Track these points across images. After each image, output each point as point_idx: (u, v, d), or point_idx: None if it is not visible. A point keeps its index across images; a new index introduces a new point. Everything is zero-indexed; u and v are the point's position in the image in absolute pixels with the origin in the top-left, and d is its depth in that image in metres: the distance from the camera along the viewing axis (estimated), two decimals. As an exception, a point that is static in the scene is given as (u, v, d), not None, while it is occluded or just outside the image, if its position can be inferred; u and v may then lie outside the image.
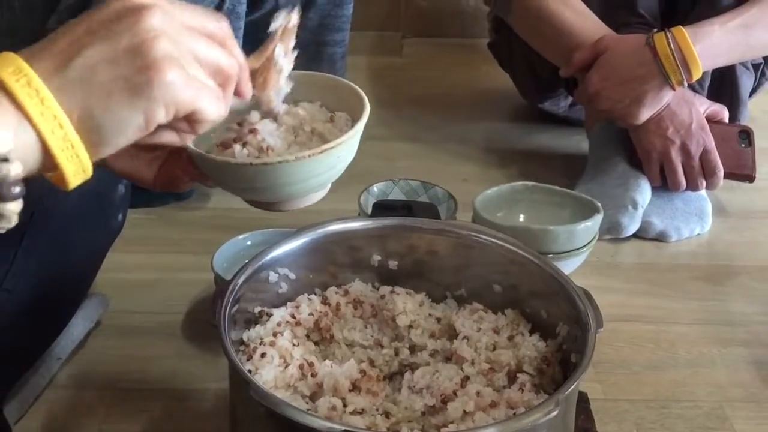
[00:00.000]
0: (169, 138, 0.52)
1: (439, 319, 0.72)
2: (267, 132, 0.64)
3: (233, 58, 0.52)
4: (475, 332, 0.69)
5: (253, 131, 0.63)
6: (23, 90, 0.44)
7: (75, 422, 0.80)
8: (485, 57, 1.51)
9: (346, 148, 0.62)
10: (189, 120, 0.49)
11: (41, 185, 0.48)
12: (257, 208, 0.68)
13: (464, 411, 0.61)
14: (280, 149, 0.63)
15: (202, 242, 1.04)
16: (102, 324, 0.93)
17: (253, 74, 0.59)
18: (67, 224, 0.77)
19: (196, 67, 0.49)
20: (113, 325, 0.93)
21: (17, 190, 0.44)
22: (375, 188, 1.05)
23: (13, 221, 0.45)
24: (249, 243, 0.95)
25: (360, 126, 0.63)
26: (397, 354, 0.71)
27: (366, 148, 1.35)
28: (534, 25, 1.22)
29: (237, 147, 0.62)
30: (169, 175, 0.64)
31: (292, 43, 0.62)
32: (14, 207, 0.45)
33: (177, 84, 0.46)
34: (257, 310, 0.70)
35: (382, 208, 0.78)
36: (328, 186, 0.67)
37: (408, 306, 0.71)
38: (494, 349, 0.67)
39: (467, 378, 0.64)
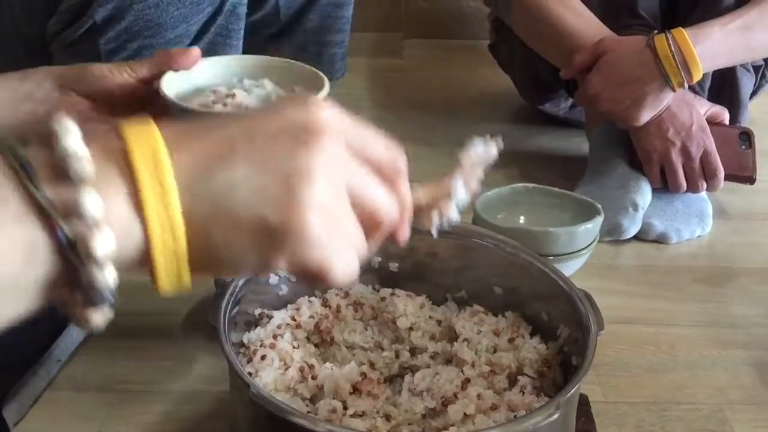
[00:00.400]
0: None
1: (439, 322, 0.72)
2: (243, 96, 0.66)
3: (395, 204, 0.45)
4: (476, 334, 0.69)
5: (231, 95, 0.66)
6: (153, 189, 0.37)
7: (74, 424, 0.80)
8: (486, 58, 1.51)
9: None
10: (309, 276, 0.41)
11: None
12: None
13: (465, 414, 0.61)
14: None
15: (202, 244, 1.04)
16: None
17: (420, 208, 0.52)
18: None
19: (347, 213, 0.41)
20: (112, 326, 0.92)
21: (111, 297, 0.38)
22: (375, 190, 1.04)
23: (99, 329, 0.40)
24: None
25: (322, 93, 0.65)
26: (397, 356, 0.71)
27: (366, 149, 1.37)
28: (534, 27, 1.22)
29: (218, 106, 0.64)
30: None
31: (478, 177, 0.55)
32: (101, 317, 0.39)
33: (315, 242, 0.39)
34: (257, 312, 0.70)
35: None
36: None
37: (408, 308, 0.71)
38: (495, 351, 0.67)
39: (468, 380, 0.64)
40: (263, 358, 0.66)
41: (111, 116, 0.71)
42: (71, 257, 0.35)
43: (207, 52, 0.96)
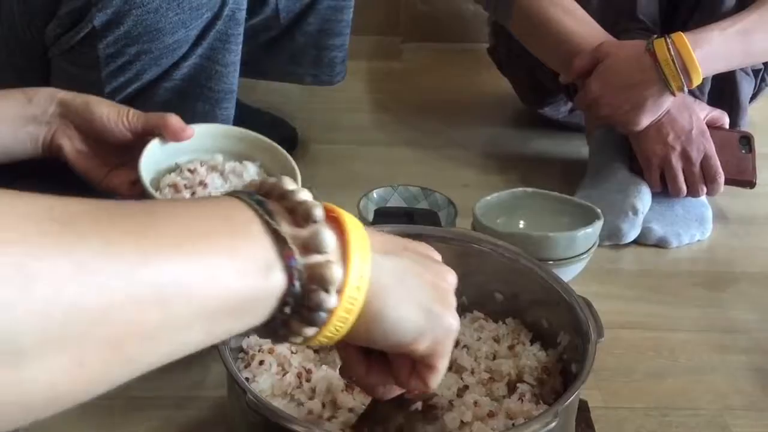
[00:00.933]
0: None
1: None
2: (214, 187, 0.68)
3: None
4: (476, 341, 0.69)
5: (203, 184, 0.67)
6: (363, 252, 0.45)
7: (78, 429, 0.79)
8: (485, 62, 1.51)
9: None
10: (428, 365, 0.51)
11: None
12: None
13: (462, 421, 0.60)
14: None
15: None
16: (101, 331, 0.92)
17: None
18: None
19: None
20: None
21: (324, 317, 0.44)
22: (374, 194, 1.04)
23: (305, 343, 0.46)
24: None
25: None
26: None
27: (365, 153, 1.38)
28: (533, 31, 1.22)
29: (186, 194, 0.65)
30: (114, 186, 0.72)
31: None
32: (311, 333, 0.45)
33: (456, 331, 0.51)
34: None
35: (383, 215, 0.78)
36: None
37: None
38: (494, 358, 0.67)
39: (466, 387, 0.64)
40: (261, 363, 0.66)
41: (96, 151, 0.83)
42: (305, 284, 0.43)
43: (206, 58, 0.97)
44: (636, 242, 1.14)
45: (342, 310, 0.44)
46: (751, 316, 1.01)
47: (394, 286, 0.47)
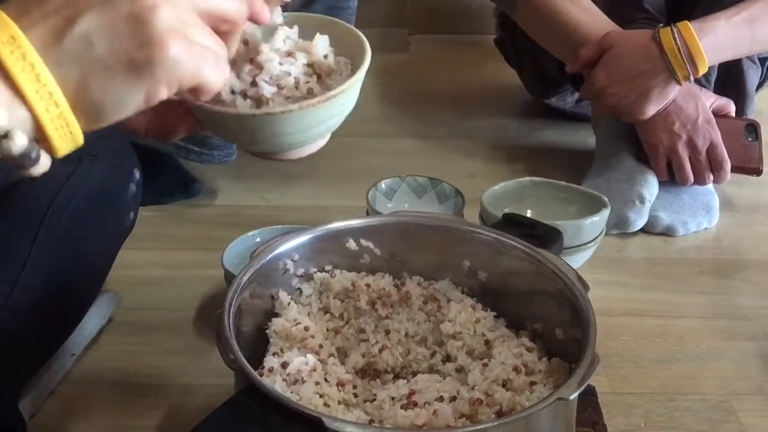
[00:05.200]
0: (169, 100, 0.49)
1: (488, 342, 0.69)
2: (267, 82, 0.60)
3: (239, 1, 0.49)
4: (500, 363, 0.66)
5: (254, 84, 0.61)
6: (18, 64, 0.41)
7: (89, 417, 0.81)
8: (492, 53, 1.51)
9: (348, 95, 0.60)
10: (192, 91, 0.47)
11: (52, 185, 0.48)
12: (259, 158, 0.67)
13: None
14: (280, 99, 0.61)
15: (212, 239, 1.05)
16: (114, 320, 0.94)
17: None
18: (79, 224, 0.78)
19: (198, 26, 0.46)
20: (125, 321, 0.94)
21: (33, 154, 0.42)
22: (383, 184, 1.05)
23: (47, 167, 0.44)
24: (258, 240, 0.96)
25: (361, 73, 0.61)
26: (432, 356, 0.71)
27: (373, 144, 1.39)
28: (539, 22, 1.22)
29: (239, 98, 0.61)
30: (163, 124, 0.61)
31: None
32: (42, 166, 0.43)
33: (179, 59, 0.44)
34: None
35: (509, 221, 0.78)
36: (329, 135, 0.65)
37: (460, 317, 0.70)
38: (504, 385, 0.64)
39: (453, 398, 0.63)
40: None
41: None
42: None
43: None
44: (643, 230, 1.14)
45: (52, 130, 0.42)
46: (757, 303, 1.02)
47: (84, 68, 0.42)
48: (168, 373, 0.87)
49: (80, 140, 0.44)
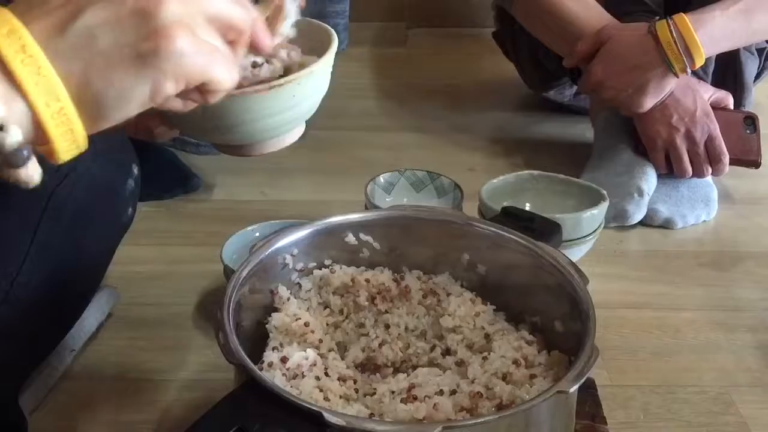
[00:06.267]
0: (175, 105, 0.48)
1: (487, 336, 0.70)
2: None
3: (246, 11, 0.48)
4: (500, 357, 0.66)
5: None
6: (17, 56, 0.39)
7: (89, 412, 0.81)
8: (490, 47, 1.51)
9: (300, 87, 0.60)
10: (200, 90, 0.45)
11: (51, 180, 0.47)
12: (229, 154, 0.66)
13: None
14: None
15: (210, 234, 1.05)
16: (113, 316, 0.94)
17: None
18: (79, 219, 0.77)
19: (206, 28, 0.44)
20: (125, 316, 0.94)
21: (25, 153, 0.40)
22: (381, 179, 1.05)
23: (36, 180, 0.42)
24: (257, 234, 0.96)
25: (321, 62, 0.61)
26: (432, 350, 0.71)
27: (371, 138, 1.39)
28: (536, 15, 1.22)
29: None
30: (145, 124, 0.61)
31: None
32: (31, 170, 0.41)
33: (186, 53, 0.42)
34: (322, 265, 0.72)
35: (508, 215, 0.78)
36: (297, 131, 0.65)
37: (460, 311, 0.70)
38: (504, 378, 0.64)
39: (453, 392, 0.63)
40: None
41: None
42: None
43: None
44: (642, 223, 1.15)
45: (52, 127, 0.41)
46: (756, 295, 1.02)
47: (87, 61, 0.41)
48: (167, 368, 0.87)
49: (82, 141, 0.43)
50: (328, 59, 0.62)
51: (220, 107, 0.57)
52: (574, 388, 0.56)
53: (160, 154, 1.17)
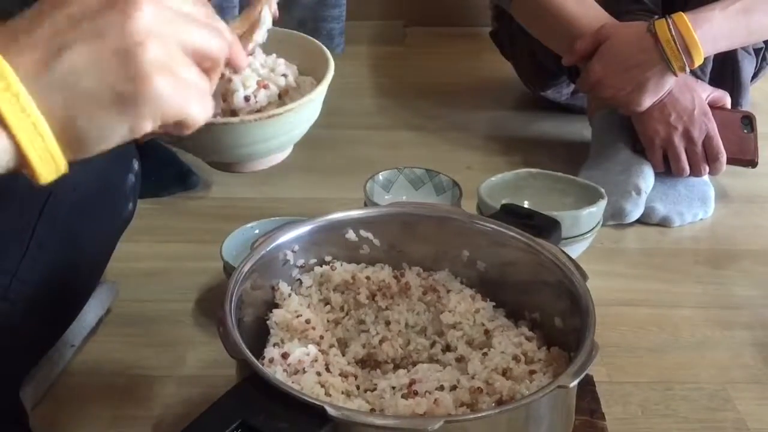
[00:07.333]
0: (154, 133, 0.49)
1: (487, 332, 0.70)
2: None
3: (222, 39, 0.49)
4: (500, 353, 0.67)
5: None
6: (2, 95, 0.41)
7: (89, 408, 0.81)
8: (488, 45, 1.51)
9: (296, 114, 0.63)
10: (175, 125, 0.47)
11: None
12: (219, 170, 0.71)
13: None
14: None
15: (210, 231, 1.05)
16: (113, 312, 0.94)
17: (240, 38, 0.59)
18: (79, 215, 0.78)
19: (183, 60, 0.46)
20: (124, 313, 0.94)
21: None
22: (380, 176, 1.06)
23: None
24: (257, 231, 0.96)
25: (311, 96, 0.64)
26: (432, 346, 0.71)
27: (370, 136, 1.39)
28: (534, 14, 1.22)
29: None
30: None
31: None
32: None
33: (165, 95, 0.44)
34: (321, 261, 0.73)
35: (508, 212, 0.78)
36: (288, 149, 0.68)
37: (460, 307, 0.71)
38: (504, 373, 0.64)
39: (454, 387, 0.63)
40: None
41: None
42: None
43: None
44: (639, 221, 1.15)
45: (35, 159, 0.42)
46: (752, 293, 1.02)
47: (69, 99, 0.42)
48: (166, 364, 0.87)
49: (63, 168, 0.44)
50: (324, 88, 0.65)
51: (220, 133, 0.60)
52: (574, 383, 0.56)
53: (158, 151, 1.17)
